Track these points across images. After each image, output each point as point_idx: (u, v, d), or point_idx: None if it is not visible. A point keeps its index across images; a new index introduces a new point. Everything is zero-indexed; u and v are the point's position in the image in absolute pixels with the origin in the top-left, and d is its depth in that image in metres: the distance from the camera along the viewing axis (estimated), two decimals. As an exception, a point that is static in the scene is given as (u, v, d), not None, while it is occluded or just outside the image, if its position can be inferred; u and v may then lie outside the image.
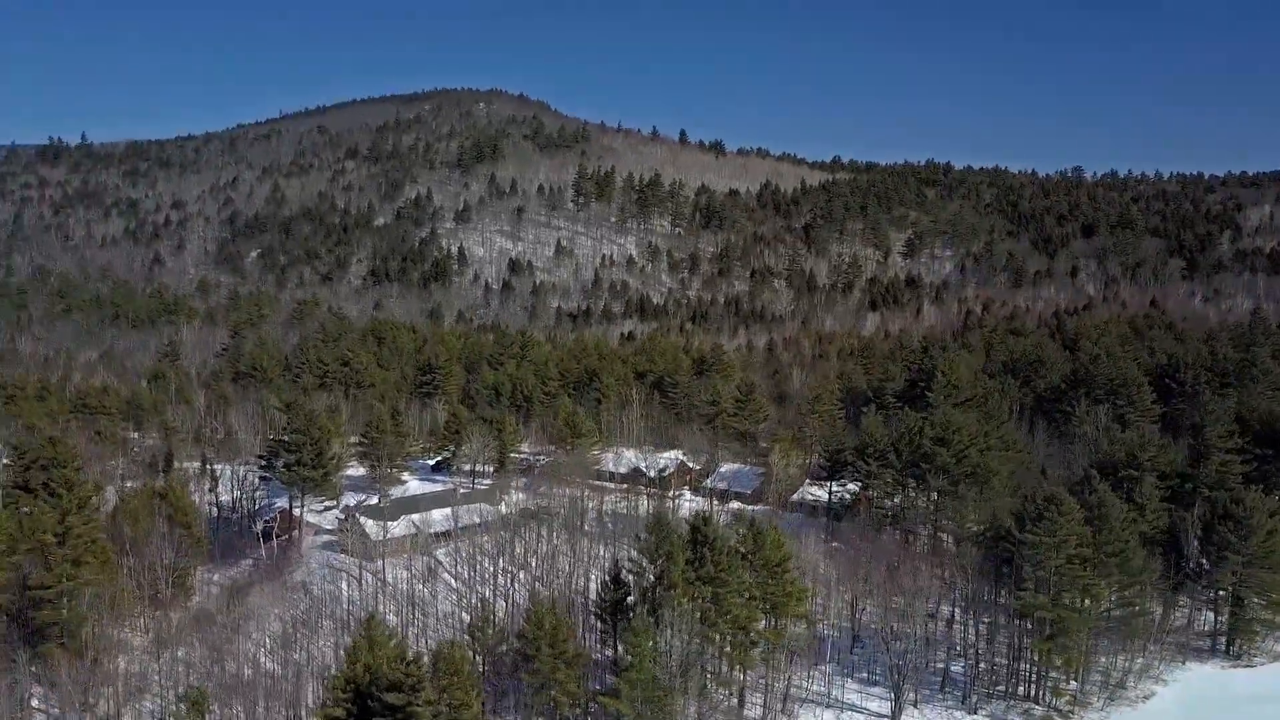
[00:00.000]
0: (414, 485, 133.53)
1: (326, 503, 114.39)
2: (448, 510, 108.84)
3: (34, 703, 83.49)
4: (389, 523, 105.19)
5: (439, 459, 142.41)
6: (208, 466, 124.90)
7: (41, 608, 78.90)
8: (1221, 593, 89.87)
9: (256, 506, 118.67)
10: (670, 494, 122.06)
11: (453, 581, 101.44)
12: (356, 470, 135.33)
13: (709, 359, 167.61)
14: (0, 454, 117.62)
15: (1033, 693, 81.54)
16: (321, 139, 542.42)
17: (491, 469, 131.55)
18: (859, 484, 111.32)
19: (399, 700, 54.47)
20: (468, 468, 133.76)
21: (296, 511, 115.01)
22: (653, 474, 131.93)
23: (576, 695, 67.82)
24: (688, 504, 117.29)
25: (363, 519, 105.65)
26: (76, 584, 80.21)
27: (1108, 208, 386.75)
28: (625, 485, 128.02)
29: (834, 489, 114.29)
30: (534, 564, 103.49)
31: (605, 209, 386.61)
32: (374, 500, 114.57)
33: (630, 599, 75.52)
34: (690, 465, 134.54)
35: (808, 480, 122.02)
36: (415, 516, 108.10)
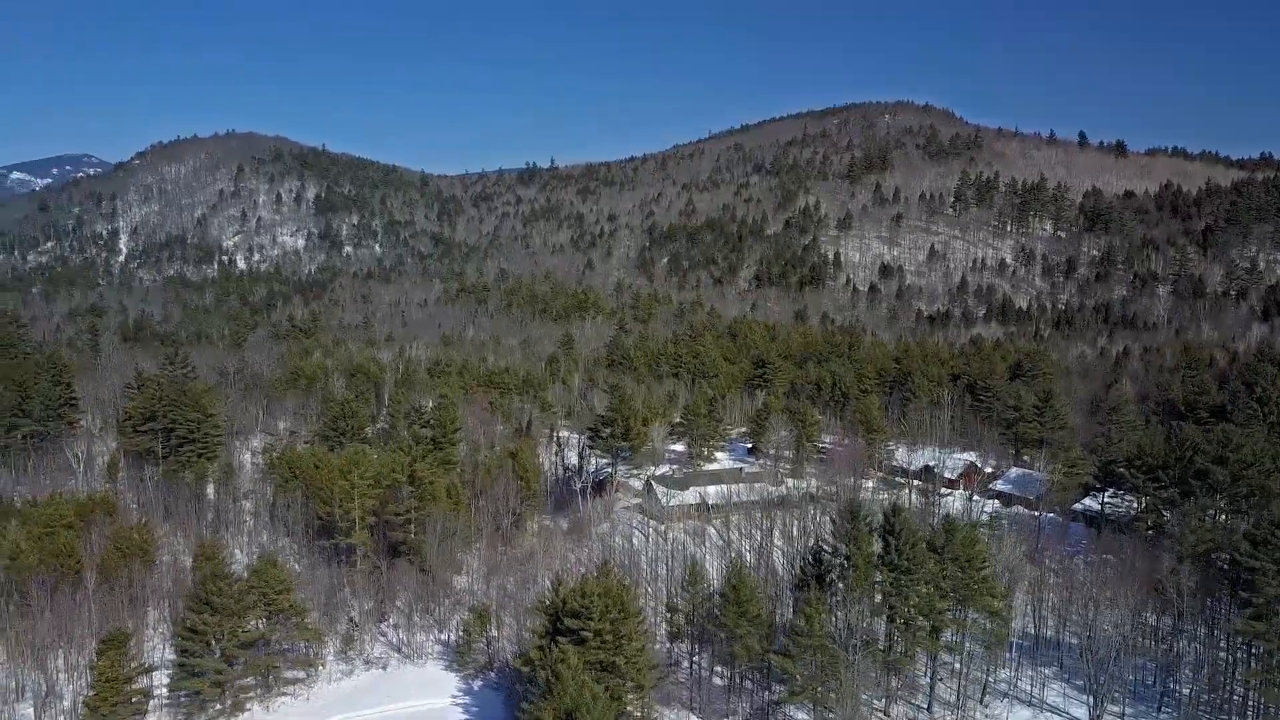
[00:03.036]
0: (726, 462, 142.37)
1: (634, 471, 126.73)
2: (727, 486, 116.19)
3: (398, 603, 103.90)
4: (678, 491, 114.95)
5: (753, 443, 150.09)
6: (554, 434, 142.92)
7: (394, 530, 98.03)
8: None
9: (591, 470, 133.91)
10: (939, 492, 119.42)
11: (722, 545, 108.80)
12: (680, 446, 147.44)
13: (1025, 364, 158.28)
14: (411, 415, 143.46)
15: (1258, 725, 72.28)
16: (736, 156, 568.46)
17: (790, 454, 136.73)
18: (1135, 496, 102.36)
19: (575, 625, 63.40)
20: (773, 452, 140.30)
21: (619, 475, 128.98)
22: (946, 473, 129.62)
23: (755, 651, 72.41)
24: (954, 502, 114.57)
25: (657, 486, 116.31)
26: (421, 515, 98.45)
27: None
28: (915, 481, 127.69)
29: (1105, 499, 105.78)
30: (797, 539, 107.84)
31: (985, 214, 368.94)
32: (667, 471, 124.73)
33: (830, 576, 78.27)
34: (979, 467, 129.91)
35: (1089, 489, 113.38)
36: (700, 488, 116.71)
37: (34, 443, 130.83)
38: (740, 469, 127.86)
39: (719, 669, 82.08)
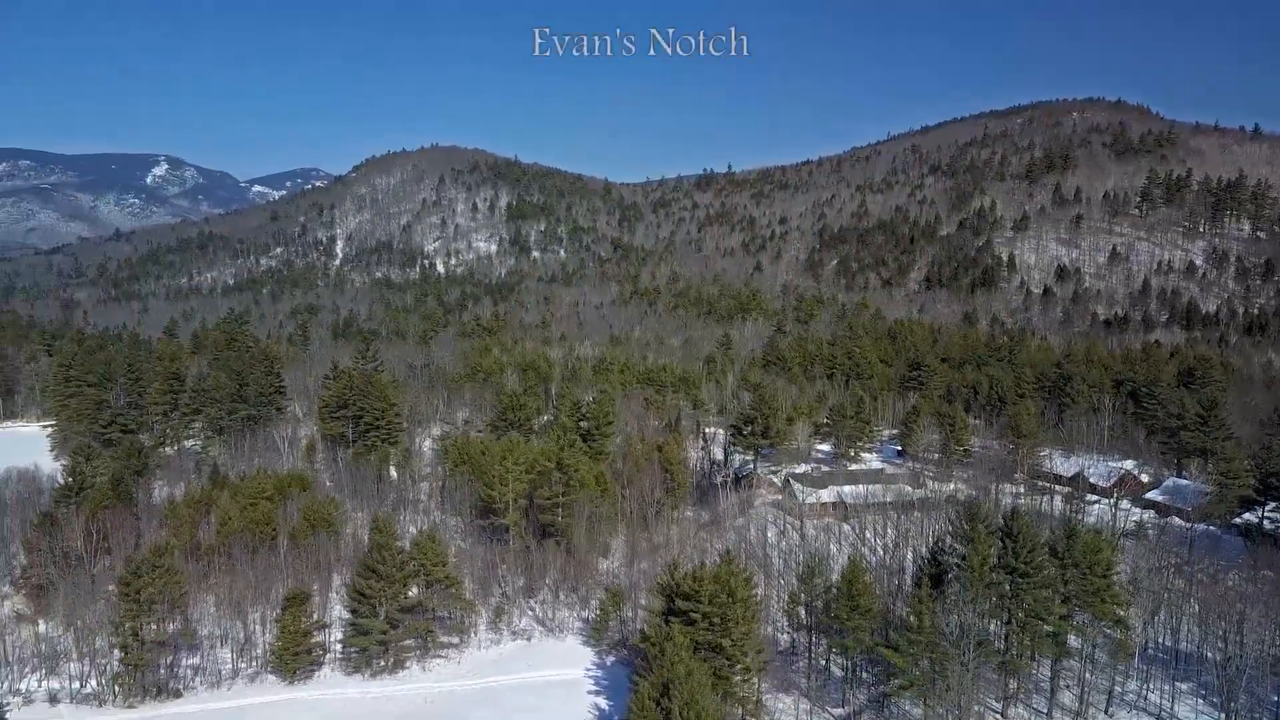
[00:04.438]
0: (875, 463, 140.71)
1: (775, 468, 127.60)
2: (864, 486, 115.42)
3: (546, 580, 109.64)
4: (815, 489, 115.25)
5: (902, 445, 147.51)
6: (702, 430, 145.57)
7: (544, 513, 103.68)
8: None
9: (734, 466, 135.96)
10: (1084, 499, 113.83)
11: (856, 542, 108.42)
12: (827, 445, 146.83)
13: (1196, 371, 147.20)
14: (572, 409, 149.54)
15: None
16: (912, 157, 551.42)
17: (937, 456, 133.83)
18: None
19: (685, 606, 66.19)
20: (921, 454, 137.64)
21: (759, 471, 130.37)
22: (1100, 481, 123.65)
23: (864, 644, 72.70)
24: (1101, 510, 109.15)
25: (794, 484, 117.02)
26: (569, 500, 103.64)
27: None
28: (1064, 487, 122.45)
29: (1265, 513, 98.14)
30: (931, 539, 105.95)
31: (1174, 214, 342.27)
32: (808, 469, 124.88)
33: (948, 576, 77.38)
34: (1135, 476, 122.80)
35: (1249, 503, 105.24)
36: (838, 487, 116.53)
37: (249, 425, 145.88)
38: (881, 470, 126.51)
39: (839, 660, 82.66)
